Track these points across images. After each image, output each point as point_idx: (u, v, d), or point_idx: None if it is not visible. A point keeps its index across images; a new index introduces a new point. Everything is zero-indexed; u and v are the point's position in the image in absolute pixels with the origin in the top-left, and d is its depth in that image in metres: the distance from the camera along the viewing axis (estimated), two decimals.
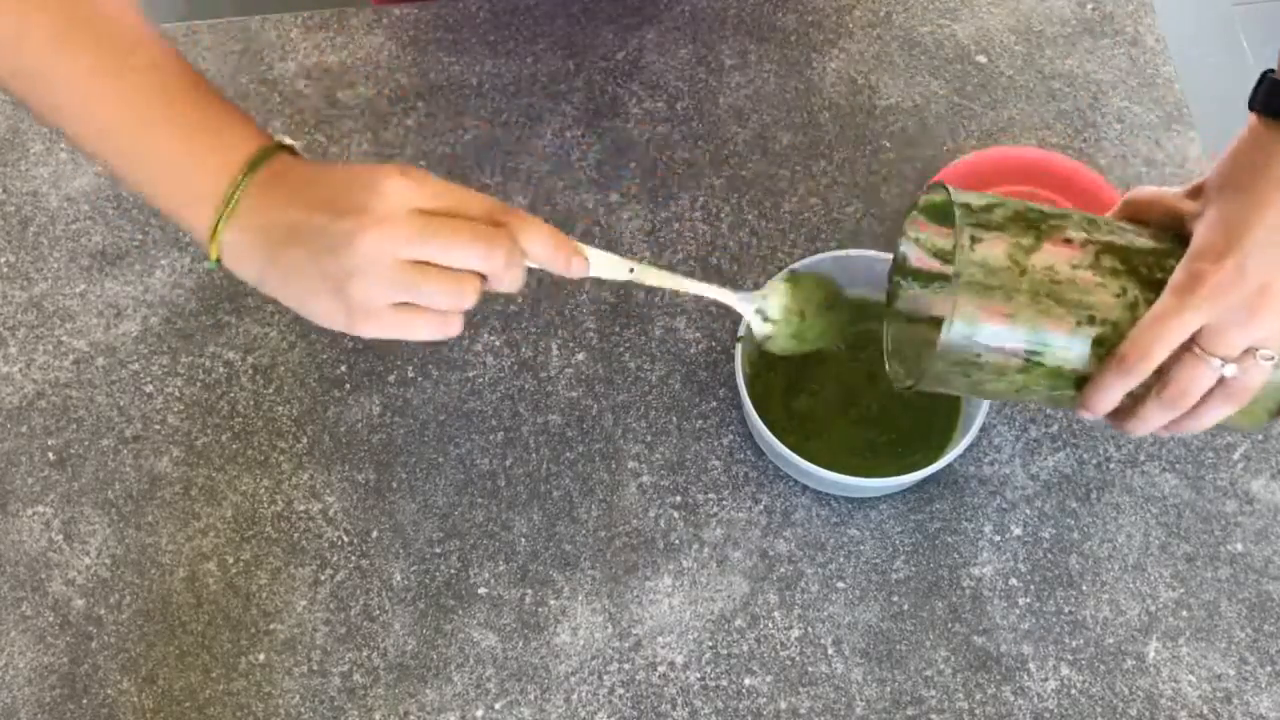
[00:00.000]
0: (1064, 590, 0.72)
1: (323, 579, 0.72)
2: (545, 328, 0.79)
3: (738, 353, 0.71)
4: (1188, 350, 0.56)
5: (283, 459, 0.75)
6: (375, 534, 0.73)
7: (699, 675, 0.70)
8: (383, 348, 0.78)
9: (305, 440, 0.76)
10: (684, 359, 0.78)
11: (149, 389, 0.77)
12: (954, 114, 0.86)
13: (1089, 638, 0.71)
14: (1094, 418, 0.60)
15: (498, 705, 0.69)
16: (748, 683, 0.70)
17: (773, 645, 0.71)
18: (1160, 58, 0.87)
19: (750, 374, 0.73)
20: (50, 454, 0.76)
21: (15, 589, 0.72)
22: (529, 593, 0.72)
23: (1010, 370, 0.59)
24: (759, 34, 0.88)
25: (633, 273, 0.63)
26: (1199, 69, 1.77)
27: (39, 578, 0.72)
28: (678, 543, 0.73)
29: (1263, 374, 0.57)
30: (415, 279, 0.55)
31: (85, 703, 0.69)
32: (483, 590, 0.72)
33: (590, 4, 0.89)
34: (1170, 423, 0.59)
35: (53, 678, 0.70)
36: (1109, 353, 0.57)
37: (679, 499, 0.74)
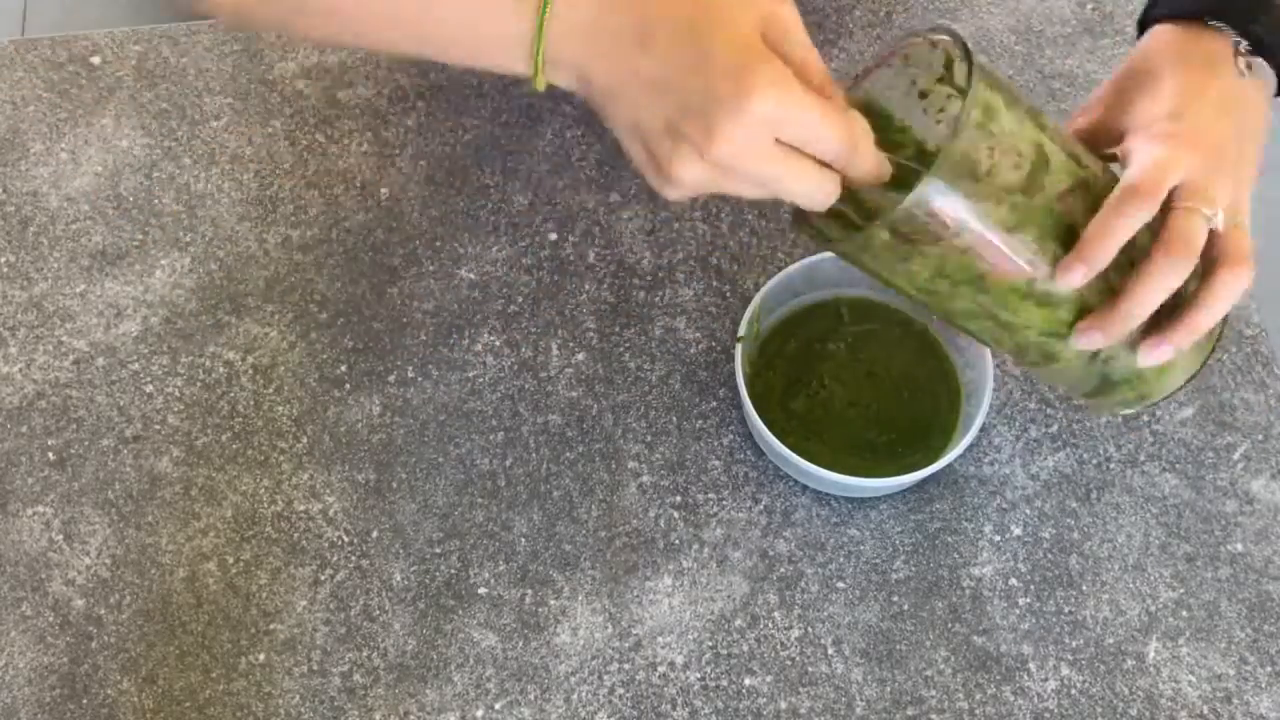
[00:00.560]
0: (1064, 590, 0.72)
1: (323, 579, 0.72)
2: (545, 328, 0.79)
3: (738, 353, 0.71)
4: (1171, 210, 0.56)
5: (283, 459, 0.75)
6: (375, 534, 0.73)
7: (699, 675, 0.70)
8: (383, 348, 0.78)
9: (305, 440, 0.76)
10: (684, 359, 0.78)
11: (149, 389, 0.77)
12: None
13: (1089, 638, 0.71)
14: (1083, 281, 0.56)
15: (498, 705, 0.69)
16: (748, 683, 0.70)
17: (773, 645, 0.71)
18: None
19: (750, 374, 0.73)
20: (50, 454, 0.76)
21: (15, 589, 0.72)
22: (529, 593, 0.72)
23: (958, 253, 0.55)
24: None
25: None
26: None
27: (39, 578, 0.72)
28: (678, 543, 0.73)
29: (1244, 236, 0.57)
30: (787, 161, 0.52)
31: (85, 703, 0.69)
32: (483, 590, 0.72)
33: None
34: (1177, 324, 0.57)
35: (53, 678, 0.70)
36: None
37: (679, 499, 0.74)
